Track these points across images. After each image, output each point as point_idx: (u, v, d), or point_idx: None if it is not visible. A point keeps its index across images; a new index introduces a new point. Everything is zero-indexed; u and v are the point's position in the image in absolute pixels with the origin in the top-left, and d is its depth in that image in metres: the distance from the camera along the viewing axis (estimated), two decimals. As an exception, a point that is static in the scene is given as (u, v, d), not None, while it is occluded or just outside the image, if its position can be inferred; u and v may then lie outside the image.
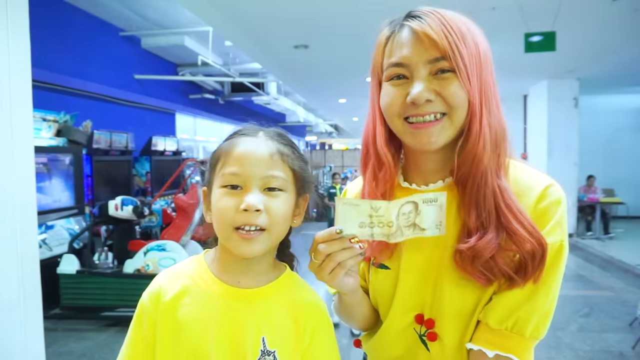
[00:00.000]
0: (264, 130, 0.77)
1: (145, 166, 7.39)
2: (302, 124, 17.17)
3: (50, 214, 4.66)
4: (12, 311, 1.95)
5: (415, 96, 0.69)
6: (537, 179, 0.74)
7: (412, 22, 0.71)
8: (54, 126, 4.93)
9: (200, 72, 8.42)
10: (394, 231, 0.67)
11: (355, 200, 0.68)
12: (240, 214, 0.68)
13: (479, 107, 0.71)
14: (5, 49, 1.90)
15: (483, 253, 0.68)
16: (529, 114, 8.65)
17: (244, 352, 0.69)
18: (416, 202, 0.67)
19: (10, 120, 1.93)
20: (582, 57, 5.87)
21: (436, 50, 0.69)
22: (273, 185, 0.71)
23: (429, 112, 0.70)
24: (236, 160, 0.71)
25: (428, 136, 0.71)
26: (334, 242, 0.67)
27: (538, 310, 0.68)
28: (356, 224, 0.67)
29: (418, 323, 0.77)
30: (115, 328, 3.92)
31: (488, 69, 0.73)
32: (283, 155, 0.73)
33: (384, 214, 0.67)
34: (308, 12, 4.04)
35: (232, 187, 0.70)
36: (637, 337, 3.46)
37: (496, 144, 0.72)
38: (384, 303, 0.82)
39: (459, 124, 0.71)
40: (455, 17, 0.72)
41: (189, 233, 4.47)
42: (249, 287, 0.74)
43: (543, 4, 3.77)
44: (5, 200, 1.92)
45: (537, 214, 0.70)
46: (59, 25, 5.41)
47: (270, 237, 0.71)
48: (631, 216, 8.82)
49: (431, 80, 0.70)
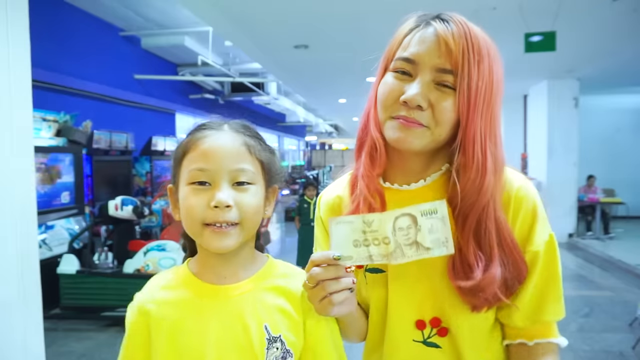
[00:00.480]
0: (229, 123, 0.74)
1: (145, 166, 7.39)
2: (302, 124, 17.18)
3: (50, 214, 4.66)
4: (12, 311, 1.95)
5: (409, 98, 0.68)
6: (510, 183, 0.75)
7: (438, 24, 0.70)
8: (54, 126, 4.93)
9: (200, 72, 8.42)
10: (392, 249, 0.64)
11: (347, 218, 0.66)
12: (211, 210, 0.67)
13: (482, 135, 0.70)
14: (5, 49, 1.90)
15: (488, 288, 0.68)
16: (529, 114, 8.65)
17: (251, 346, 0.69)
18: (414, 215, 0.63)
19: (10, 120, 1.93)
20: (582, 57, 5.87)
21: (448, 61, 0.68)
22: (242, 179, 0.69)
23: (415, 120, 0.70)
24: (202, 155, 0.68)
25: (407, 134, 0.70)
26: (328, 269, 0.65)
27: (553, 299, 0.73)
28: (350, 243, 0.65)
29: (419, 329, 0.76)
30: (115, 328, 3.92)
31: (498, 98, 0.73)
32: (250, 147, 0.71)
33: (377, 229, 0.64)
34: (308, 12, 4.04)
35: (200, 183, 0.68)
36: (637, 337, 3.45)
37: (499, 174, 0.73)
38: (379, 312, 0.80)
39: (439, 139, 0.71)
40: (481, 36, 0.71)
41: (189, 233, 4.46)
42: (237, 282, 0.73)
43: (543, 4, 3.76)
44: (5, 200, 1.92)
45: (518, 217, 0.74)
46: (59, 25, 5.40)
47: (243, 230, 0.70)
48: (631, 216, 8.81)
49: (431, 88, 0.69)
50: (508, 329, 0.76)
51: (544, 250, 0.72)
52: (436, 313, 0.75)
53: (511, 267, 0.70)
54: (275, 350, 0.69)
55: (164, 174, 7.81)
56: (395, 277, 0.76)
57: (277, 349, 0.69)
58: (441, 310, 0.75)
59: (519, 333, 0.75)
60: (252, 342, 0.69)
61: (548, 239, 0.73)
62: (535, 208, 0.74)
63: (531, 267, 0.72)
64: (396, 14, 0.77)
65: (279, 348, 0.69)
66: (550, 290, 0.73)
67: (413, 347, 0.77)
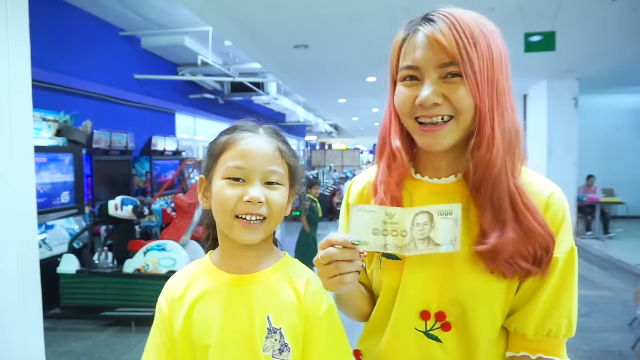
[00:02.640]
0: (264, 128, 0.82)
1: (145, 166, 7.40)
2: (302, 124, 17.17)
3: (50, 214, 4.66)
4: (12, 311, 1.95)
5: (424, 99, 0.72)
6: (543, 185, 0.77)
7: (425, 27, 0.74)
8: (54, 126, 4.93)
9: (200, 72, 8.42)
10: (407, 242, 0.68)
11: (370, 207, 0.70)
12: (243, 204, 0.74)
13: (490, 112, 0.72)
14: (5, 49, 1.90)
15: (504, 251, 0.70)
16: (529, 114, 8.64)
17: (253, 333, 0.74)
18: (432, 214, 0.68)
19: (10, 120, 1.93)
20: (582, 57, 5.87)
21: (445, 56, 0.71)
22: (272, 180, 0.76)
23: (437, 115, 0.73)
24: (240, 154, 0.75)
25: (435, 138, 0.74)
26: (345, 251, 0.69)
27: (566, 313, 0.73)
28: (370, 231, 0.69)
29: (423, 319, 0.78)
30: (115, 328, 3.92)
31: (502, 71, 0.75)
32: (282, 152, 0.79)
33: (398, 222, 0.68)
34: (308, 13, 4.04)
35: (235, 179, 0.75)
36: (637, 337, 3.46)
37: (510, 145, 0.75)
38: (388, 298, 0.82)
39: (466, 126, 0.74)
40: (471, 20, 0.74)
41: (189, 233, 4.47)
42: (251, 272, 0.79)
43: (543, 4, 3.76)
44: (5, 200, 1.92)
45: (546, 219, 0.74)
46: (59, 25, 5.40)
47: (268, 225, 0.77)
48: (631, 216, 8.82)
49: (441, 84, 0.73)
50: (514, 339, 0.77)
51: (563, 259, 0.73)
52: (443, 307, 0.77)
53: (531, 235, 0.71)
54: (273, 341, 0.74)
55: (163, 174, 7.81)
56: (411, 265, 0.78)
57: (276, 340, 0.74)
58: (449, 306, 0.76)
59: (524, 345, 0.75)
60: (254, 329, 0.74)
61: (569, 250, 0.74)
62: (564, 216, 0.75)
63: (549, 274, 0.73)
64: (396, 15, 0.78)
65: (277, 340, 0.74)
66: (562, 303, 0.73)
67: (414, 336, 0.79)
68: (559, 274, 0.73)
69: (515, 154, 0.75)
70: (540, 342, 0.74)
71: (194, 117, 10.16)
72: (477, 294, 0.74)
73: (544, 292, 0.73)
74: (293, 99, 12.05)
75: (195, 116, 10.15)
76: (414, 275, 0.78)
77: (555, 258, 0.72)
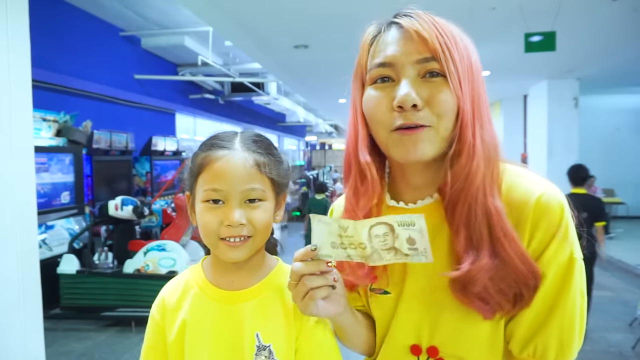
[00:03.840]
0: (241, 138, 0.77)
1: (145, 166, 7.39)
2: (302, 124, 17.17)
3: (50, 214, 4.66)
4: (12, 311, 1.95)
5: (402, 98, 0.62)
6: (530, 187, 0.66)
7: (401, 19, 0.67)
8: (54, 126, 4.93)
9: (200, 72, 8.41)
10: (369, 253, 0.64)
11: (326, 219, 0.65)
12: (225, 228, 0.72)
13: (471, 119, 0.64)
14: (5, 49, 1.90)
15: (477, 280, 0.61)
16: (529, 114, 8.64)
17: (242, 350, 0.74)
18: (391, 225, 0.62)
19: (10, 120, 1.93)
20: (582, 57, 5.87)
21: (426, 50, 0.63)
22: (253, 197, 0.74)
23: (413, 122, 0.64)
24: (215, 176, 0.73)
25: (415, 143, 0.64)
26: (309, 263, 0.64)
27: (555, 334, 0.63)
28: (328, 243, 0.65)
29: (414, 354, 0.72)
30: (115, 328, 3.92)
31: (479, 80, 0.68)
32: (260, 166, 0.74)
33: (352, 235, 0.64)
34: (308, 12, 4.04)
35: (214, 201, 0.73)
36: (637, 337, 3.46)
37: (489, 160, 0.66)
38: (380, 331, 0.77)
39: (446, 134, 0.65)
40: (446, 23, 0.68)
41: (189, 233, 4.47)
42: (242, 288, 0.78)
43: (543, 4, 3.76)
44: (5, 200, 1.92)
45: (538, 229, 0.64)
46: (59, 25, 5.40)
47: (254, 242, 0.75)
48: (631, 216, 8.82)
49: (420, 84, 0.64)
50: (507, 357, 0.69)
51: (556, 271, 0.62)
52: (435, 342, 0.70)
53: (507, 267, 0.61)
54: (263, 358, 0.73)
55: (163, 174, 7.81)
56: (403, 299, 0.72)
57: (265, 357, 0.73)
58: (441, 341, 0.70)
59: None
60: (243, 347, 0.74)
61: (566, 260, 0.62)
62: (560, 220, 0.63)
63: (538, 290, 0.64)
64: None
65: (266, 357, 0.73)
66: (552, 321, 0.63)
67: None
68: (549, 288, 0.63)
69: (494, 171, 0.66)
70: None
71: (194, 117, 10.16)
72: (469, 331, 0.68)
73: (532, 306, 0.64)
74: (293, 99, 12.04)
75: (195, 116, 10.15)
76: (406, 308, 0.72)
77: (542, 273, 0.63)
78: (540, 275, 0.62)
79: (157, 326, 0.80)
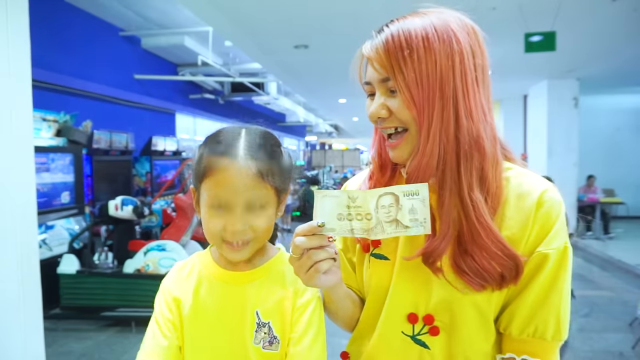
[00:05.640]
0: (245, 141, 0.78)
1: (145, 166, 7.40)
2: (302, 124, 17.18)
3: (50, 214, 4.66)
4: (12, 311, 1.95)
5: (369, 114, 0.77)
6: (534, 184, 0.74)
7: (371, 42, 0.75)
8: (54, 126, 4.93)
9: (200, 72, 8.42)
10: (373, 225, 0.67)
11: (333, 192, 0.69)
12: (227, 232, 0.76)
13: (428, 122, 0.70)
14: (5, 49, 1.90)
15: (433, 254, 0.70)
16: (529, 114, 8.65)
17: (243, 327, 0.79)
18: (396, 195, 0.66)
19: (10, 120, 1.93)
20: (582, 57, 5.87)
21: (382, 71, 0.73)
22: (255, 204, 0.76)
23: (387, 127, 0.76)
24: (218, 184, 0.75)
25: (394, 151, 0.77)
26: (312, 238, 0.68)
27: (554, 313, 0.71)
28: (334, 216, 0.68)
29: (411, 322, 0.76)
30: (115, 328, 3.92)
31: (453, 75, 0.70)
32: (263, 174, 0.76)
33: (361, 205, 0.67)
34: (308, 12, 4.04)
35: (218, 206, 0.76)
36: (637, 337, 3.46)
37: (465, 155, 0.71)
38: (377, 299, 0.81)
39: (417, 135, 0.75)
40: (418, 25, 0.71)
41: (189, 233, 4.47)
42: (245, 270, 0.83)
43: (543, 4, 3.76)
44: (5, 201, 1.92)
45: (538, 219, 0.72)
46: (59, 25, 5.41)
47: (256, 243, 0.80)
48: (631, 216, 8.83)
49: (386, 98, 0.75)
50: (503, 340, 0.75)
51: (555, 256, 0.70)
52: (431, 310, 0.74)
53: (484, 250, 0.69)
54: (263, 334, 0.79)
55: (163, 174, 7.81)
56: (401, 266, 0.77)
57: (265, 333, 0.79)
58: (437, 309, 0.74)
59: (510, 345, 0.73)
60: (244, 324, 0.79)
61: (562, 248, 0.71)
62: (558, 214, 0.72)
63: (537, 271, 0.70)
64: (396, 14, 0.77)
65: (266, 333, 0.79)
66: (551, 301, 0.70)
67: (400, 340, 0.77)
68: (549, 271, 0.70)
69: (472, 164, 0.71)
70: (526, 342, 0.72)
71: (194, 117, 10.16)
72: (464, 298, 0.72)
73: (532, 288, 0.70)
74: (293, 99, 12.04)
75: (195, 116, 10.15)
76: (403, 276, 0.76)
77: (546, 254, 0.70)
78: (520, 259, 0.70)
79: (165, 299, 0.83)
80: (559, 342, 0.72)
